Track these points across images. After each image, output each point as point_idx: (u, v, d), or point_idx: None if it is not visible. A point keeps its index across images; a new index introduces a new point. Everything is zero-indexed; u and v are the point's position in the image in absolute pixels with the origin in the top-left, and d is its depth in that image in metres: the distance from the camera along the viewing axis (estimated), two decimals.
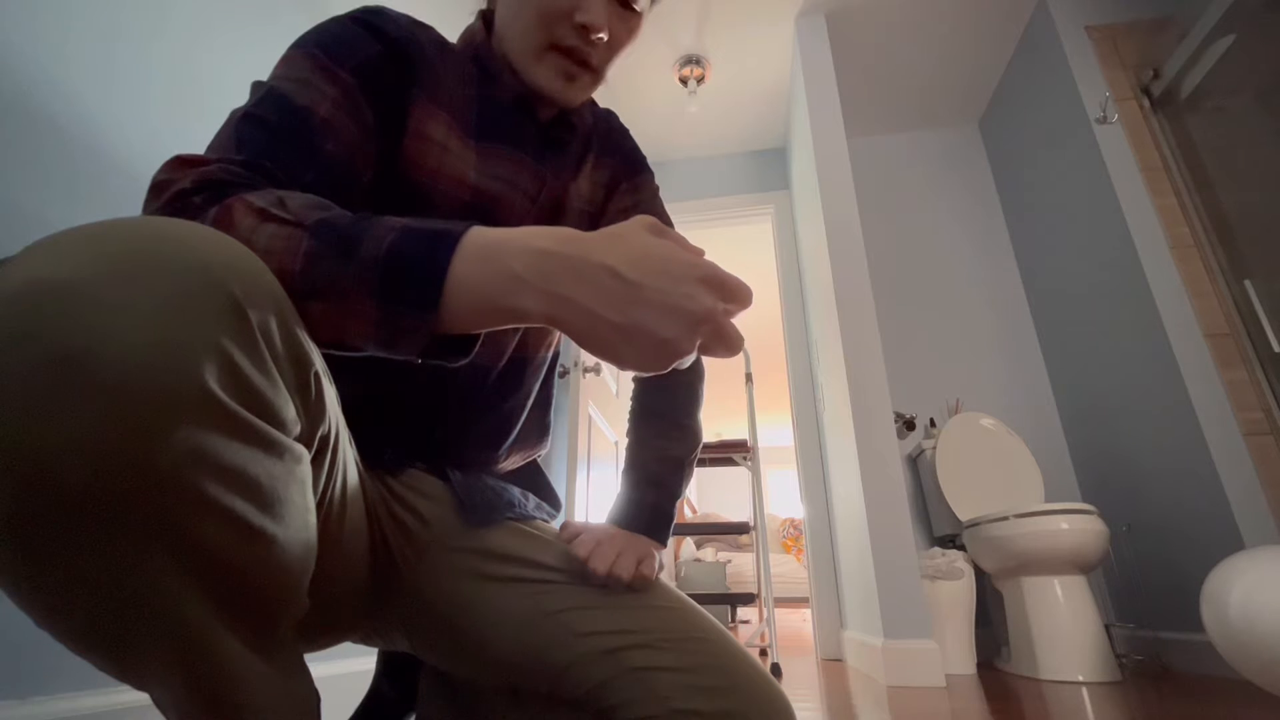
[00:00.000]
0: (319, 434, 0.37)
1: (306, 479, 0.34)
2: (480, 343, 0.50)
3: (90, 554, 0.26)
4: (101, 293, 0.25)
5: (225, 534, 0.29)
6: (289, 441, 0.32)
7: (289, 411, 0.32)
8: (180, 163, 0.39)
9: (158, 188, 0.37)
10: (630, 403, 0.71)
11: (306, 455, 0.35)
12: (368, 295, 0.34)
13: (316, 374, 0.35)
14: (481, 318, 0.35)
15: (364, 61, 0.51)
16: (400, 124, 0.54)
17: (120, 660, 0.30)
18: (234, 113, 0.45)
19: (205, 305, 0.27)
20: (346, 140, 0.48)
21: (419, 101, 0.55)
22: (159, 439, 0.25)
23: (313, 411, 0.35)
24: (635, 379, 0.72)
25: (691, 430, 0.69)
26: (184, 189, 0.37)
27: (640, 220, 0.38)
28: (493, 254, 0.35)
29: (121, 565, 0.26)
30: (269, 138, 0.44)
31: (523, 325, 0.36)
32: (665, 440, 0.66)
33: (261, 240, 0.35)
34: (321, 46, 0.50)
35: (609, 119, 0.73)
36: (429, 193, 0.55)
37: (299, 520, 0.33)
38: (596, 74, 0.60)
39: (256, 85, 0.48)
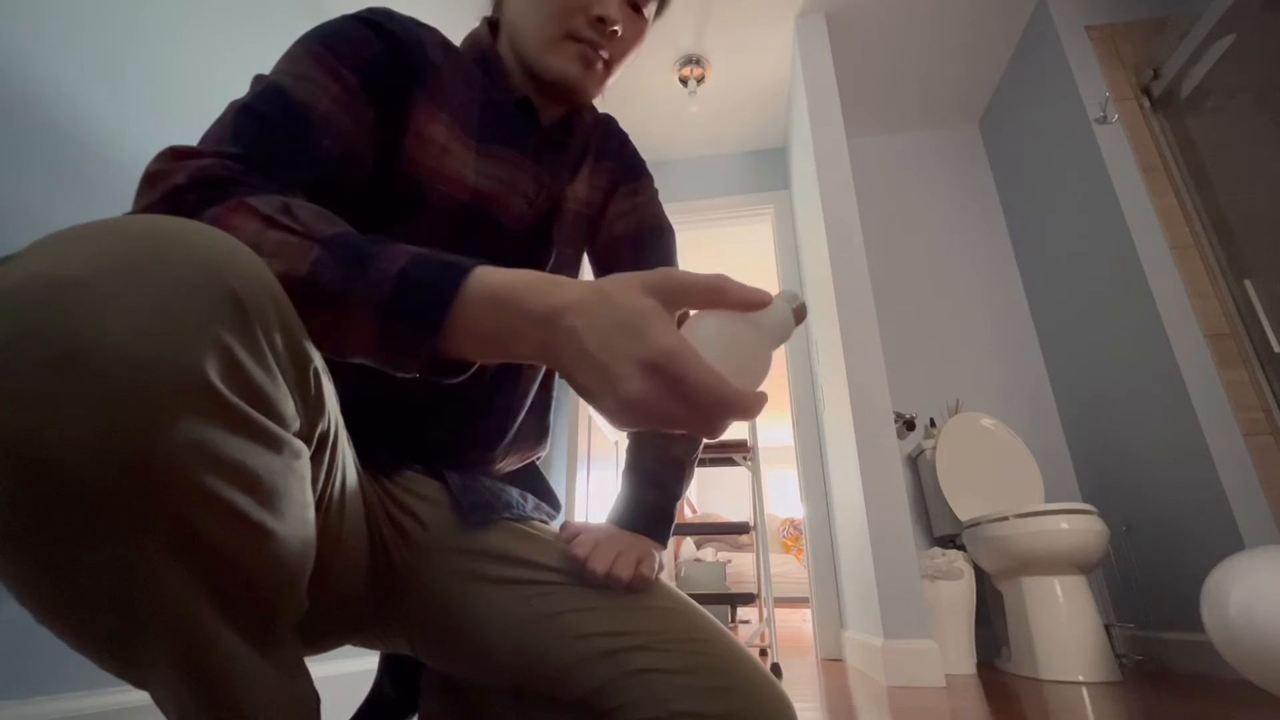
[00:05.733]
0: (318, 431, 0.37)
1: (306, 475, 0.35)
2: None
3: (91, 547, 0.26)
4: (102, 288, 0.25)
5: (224, 527, 0.29)
6: (288, 436, 0.32)
7: (288, 407, 0.32)
8: (175, 154, 0.38)
9: (152, 179, 0.37)
10: None
11: (306, 451, 0.35)
12: (372, 311, 0.34)
13: (316, 371, 0.35)
14: (478, 349, 0.36)
15: (367, 60, 0.51)
16: (401, 123, 0.54)
17: (119, 656, 0.30)
18: (232, 104, 0.45)
19: (205, 300, 0.27)
20: (345, 138, 0.48)
21: (421, 102, 0.55)
22: (160, 431, 0.25)
23: (312, 408, 0.35)
24: None
25: None
26: (179, 184, 0.37)
27: (640, 278, 0.35)
28: (495, 295, 0.35)
29: (122, 559, 0.27)
30: (266, 132, 0.44)
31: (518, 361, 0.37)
32: (665, 440, 0.66)
33: (267, 245, 0.35)
34: (325, 43, 0.50)
35: (608, 123, 0.73)
36: (427, 192, 0.55)
37: (298, 516, 0.33)
38: (608, 68, 0.61)
39: (258, 79, 0.48)
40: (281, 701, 0.34)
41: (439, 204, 0.56)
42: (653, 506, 0.63)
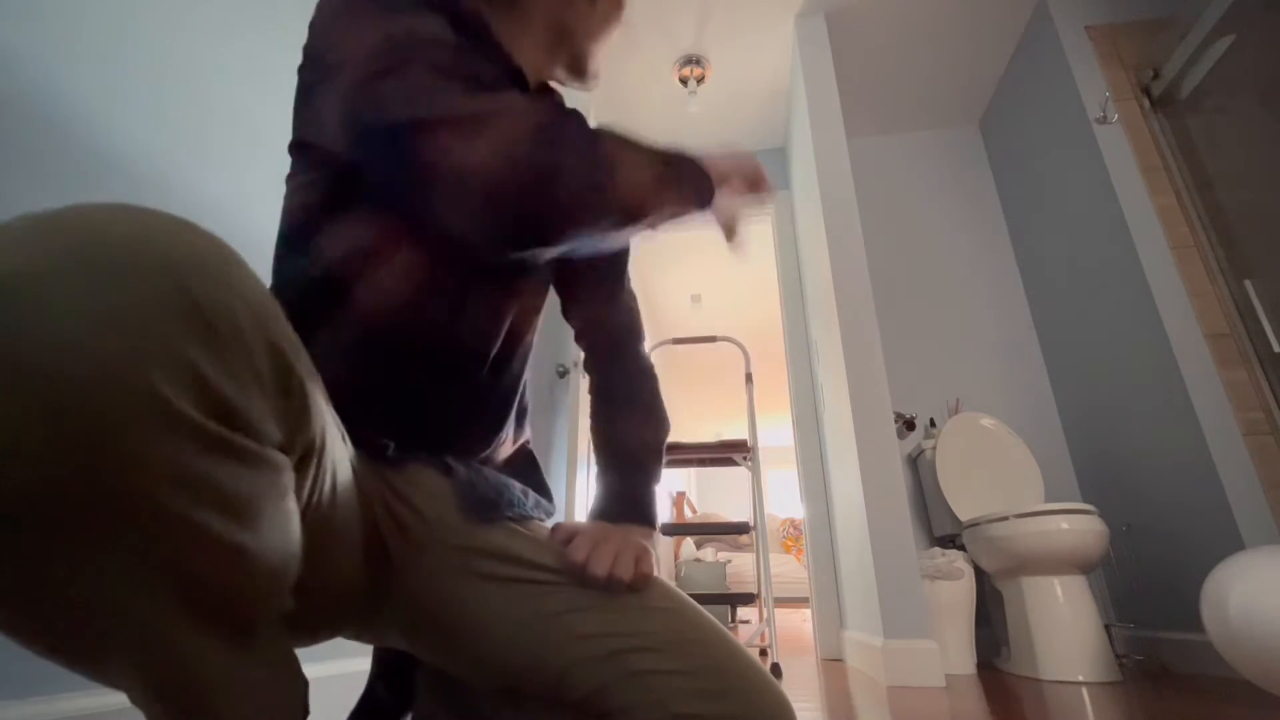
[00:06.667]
0: (302, 440, 0.36)
1: (287, 488, 0.33)
2: (481, 322, 0.59)
3: (38, 564, 0.24)
4: (46, 291, 0.23)
5: (193, 548, 0.27)
6: (265, 451, 0.30)
7: (265, 420, 0.30)
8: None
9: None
10: (592, 398, 0.72)
11: (287, 463, 0.33)
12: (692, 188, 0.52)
13: (300, 379, 0.33)
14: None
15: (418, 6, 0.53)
16: None
17: (89, 670, 0.29)
18: (391, 50, 0.46)
19: (165, 308, 0.25)
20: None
21: None
22: (107, 453, 0.24)
23: (294, 417, 0.34)
24: (591, 369, 0.73)
25: (663, 414, 0.70)
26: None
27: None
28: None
29: (73, 577, 0.25)
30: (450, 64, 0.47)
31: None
32: (642, 427, 0.68)
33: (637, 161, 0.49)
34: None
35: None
36: None
37: (276, 531, 0.32)
38: None
39: (383, 49, 0.47)
40: (264, 695, 0.34)
41: None
42: (637, 491, 0.64)
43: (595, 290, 0.73)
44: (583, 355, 0.75)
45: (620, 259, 0.75)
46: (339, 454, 0.44)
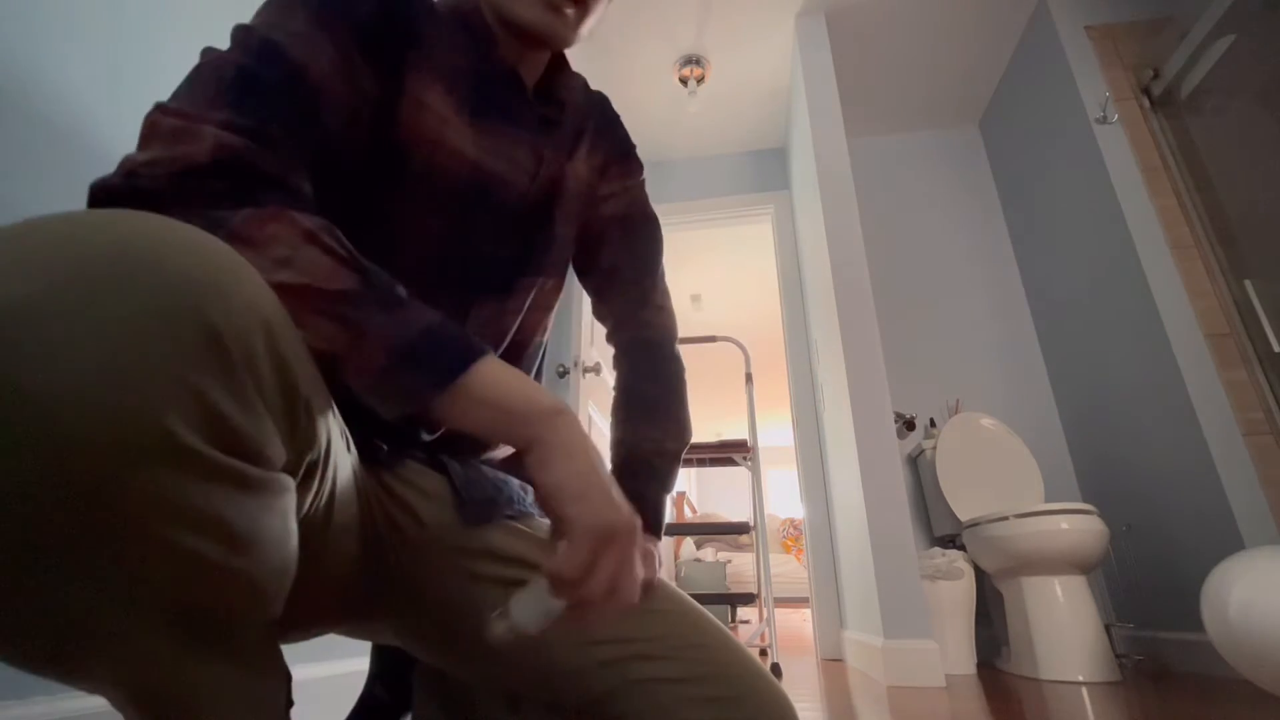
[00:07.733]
0: (306, 460, 0.35)
1: (288, 509, 0.32)
2: (486, 327, 0.57)
3: (31, 592, 0.24)
4: (46, 317, 0.21)
5: (190, 575, 0.27)
6: (268, 476, 0.30)
7: (273, 445, 0.30)
8: (183, 116, 0.36)
9: (160, 139, 0.35)
10: (616, 396, 0.69)
11: (290, 485, 0.33)
12: (384, 349, 0.35)
13: (306, 395, 0.33)
14: (466, 424, 0.39)
15: (362, 19, 0.48)
16: (396, 90, 0.51)
17: (69, 681, 0.28)
18: (221, 60, 0.40)
19: (176, 334, 0.24)
20: (345, 108, 0.46)
21: (415, 68, 0.52)
22: (109, 489, 0.23)
23: (300, 439, 0.33)
24: (619, 367, 0.71)
25: (685, 423, 0.68)
26: (200, 162, 0.34)
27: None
28: (505, 390, 0.39)
29: (68, 600, 0.24)
30: (269, 101, 0.40)
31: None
32: (662, 434, 0.66)
33: (299, 259, 0.34)
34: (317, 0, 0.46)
35: (604, 103, 0.72)
36: (428, 165, 0.53)
37: (274, 552, 0.31)
38: (582, 9, 0.55)
39: (244, 30, 0.43)
40: (248, 698, 0.33)
41: (441, 177, 0.53)
42: (653, 502, 0.63)
43: (627, 289, 0.70)
44: (612, 352, 0.72)
45: (653, 257, 0.72)
46: (341, 461, 0.44)
